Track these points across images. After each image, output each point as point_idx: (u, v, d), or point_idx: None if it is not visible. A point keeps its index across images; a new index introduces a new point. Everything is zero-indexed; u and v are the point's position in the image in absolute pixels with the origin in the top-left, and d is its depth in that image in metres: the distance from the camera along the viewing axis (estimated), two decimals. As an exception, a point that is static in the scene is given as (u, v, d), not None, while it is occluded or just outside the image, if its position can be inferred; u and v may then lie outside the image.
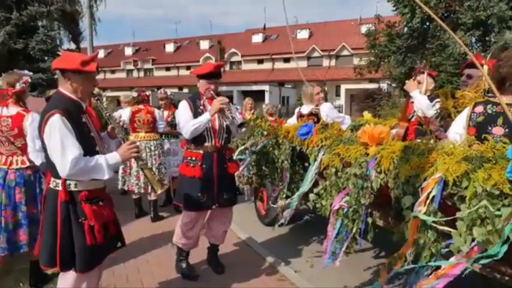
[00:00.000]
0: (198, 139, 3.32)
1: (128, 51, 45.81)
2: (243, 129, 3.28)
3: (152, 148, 5.29)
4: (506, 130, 2.19)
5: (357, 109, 22.25)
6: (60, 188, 2.23)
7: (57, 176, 2.23)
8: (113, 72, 44.00)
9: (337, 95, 31.65)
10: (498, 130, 2.23)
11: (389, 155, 2.39)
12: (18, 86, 3.18)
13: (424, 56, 13.73)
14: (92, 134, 2.34)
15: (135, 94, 5.35)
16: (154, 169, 5.21)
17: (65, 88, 2.29)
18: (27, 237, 3.13)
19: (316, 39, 35.71)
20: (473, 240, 1.72)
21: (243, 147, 4.95)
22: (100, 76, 42.50)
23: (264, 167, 4.47)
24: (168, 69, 41.94)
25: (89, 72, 2.28)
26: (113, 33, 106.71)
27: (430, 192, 2.02)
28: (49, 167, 2.29)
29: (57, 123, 2.13)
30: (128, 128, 5.27)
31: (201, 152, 3.36)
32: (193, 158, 3.37)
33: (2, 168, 3.13)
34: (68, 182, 2.23)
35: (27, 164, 3.16)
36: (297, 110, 4.59)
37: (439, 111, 2.95)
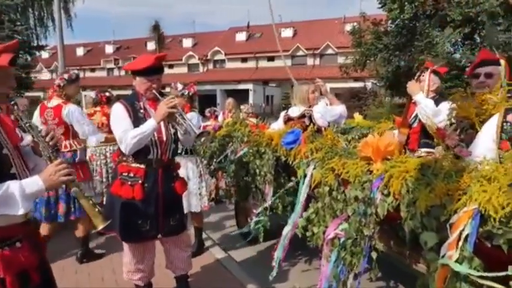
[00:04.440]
0: (139, 150, 2.64)
1: (109, 49, 44.57)
2: (203, 139, 2.65)
3: (108, 155, 4.67)
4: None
5: (343, 108, 21.87)
6: None
7: None
8: (92, 70, 42.78)
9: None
10: (542, 143, 1.72)
11: (400, 175, 1.85)
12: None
13: (412, 54, 13.36)
14: (5, 151, 1.72)
15: (93, 95, 4.79)
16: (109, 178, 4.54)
17: None
18: (64, 210, 3.68)
19: (301, 37, 35.40)
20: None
21: (223, 156, 4.40)
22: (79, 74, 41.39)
23: (244, 178, 3.91)
24: (149, 67, 40.90)
25: None
26: (93, 31, 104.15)
27: (463, 230, 1.49)
28: None
29: None
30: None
31: (143, 166, 2.68)
32: (132, 175, 2.67)
33: None
34: None
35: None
36: (283, 113, 3.98)
37: (453, 120, 2.38)
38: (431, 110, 2.98)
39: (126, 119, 2.66)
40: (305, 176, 2.68)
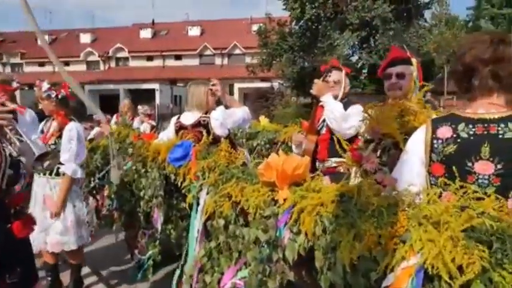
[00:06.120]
0: None
1: (-12, 42, 38.97)
2: (46, 164, 1.89)
3: None
4: (500, 166, 1.32)
5: (251, 108, 21.90)
6: None
7: None
8: (-32, 66, 37.00)
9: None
10: (484, 167, 1.34)
11: (314, 210, 1.36)
12: None
13: (315, 55, 13.65)
14: None
15: None
16: None
17: None
18: None
19: (208, 37, 34.90)
20: None
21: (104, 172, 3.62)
22: (-49, 72, 35.53)
23: (130, 200, 3.19)
24: (41, 64, 36.72)
25: None
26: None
27: (403, 296, 1.04)
28: None
29: None
30: None
31: None
32: None
33: None
34: None
35: None
36: (174, 119, 3.29)
37: (367, 136, 1.94)
38: (340, 113, 2.63)
39: None
40: (198, 203, 2.08)
